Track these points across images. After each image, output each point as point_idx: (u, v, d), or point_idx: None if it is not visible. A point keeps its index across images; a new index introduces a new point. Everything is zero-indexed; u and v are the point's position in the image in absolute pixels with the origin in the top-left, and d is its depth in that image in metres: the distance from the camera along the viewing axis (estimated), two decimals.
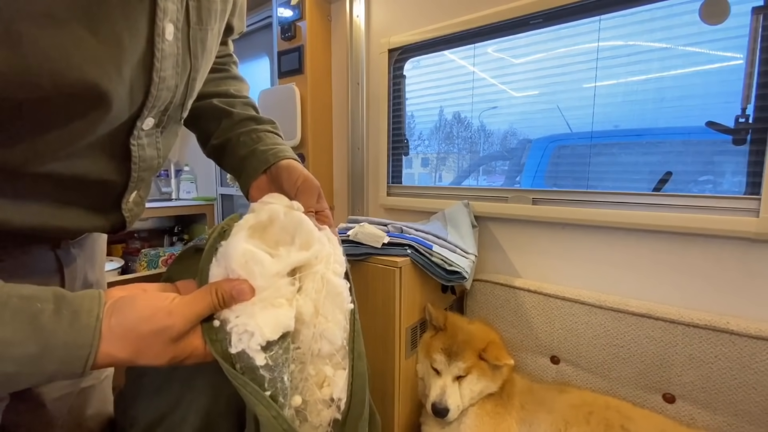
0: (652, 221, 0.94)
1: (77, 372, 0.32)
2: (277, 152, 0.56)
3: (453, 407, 0.89)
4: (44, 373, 0.31)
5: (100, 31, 0.31)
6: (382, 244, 0.96)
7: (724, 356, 0.82)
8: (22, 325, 0.30)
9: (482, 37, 1.22)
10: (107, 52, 0.32)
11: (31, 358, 0.30)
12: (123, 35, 0.33)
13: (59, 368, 0.31)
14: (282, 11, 1.52)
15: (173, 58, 0.39)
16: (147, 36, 0.35)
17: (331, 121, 1.62)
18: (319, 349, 0.41)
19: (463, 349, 0.93)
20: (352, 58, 1.50)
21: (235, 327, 0.36)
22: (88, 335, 0.32)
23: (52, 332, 0.30)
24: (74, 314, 0.32)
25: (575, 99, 1.10)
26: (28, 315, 0.30)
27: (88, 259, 0.58)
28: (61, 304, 0.32)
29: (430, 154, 1.50)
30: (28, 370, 0.30)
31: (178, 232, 2.08)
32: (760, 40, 0.83)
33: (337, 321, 0.41)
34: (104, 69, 0.32)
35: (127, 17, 0.33)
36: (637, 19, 0.98)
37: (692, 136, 0.95)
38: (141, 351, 0.34)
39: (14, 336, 0.29)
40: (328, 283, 0.41)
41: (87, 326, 0.32)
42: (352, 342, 0.44)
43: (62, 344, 0.31)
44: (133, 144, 0.41)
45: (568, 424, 0.85)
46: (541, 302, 1.05)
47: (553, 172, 1.21)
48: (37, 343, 0.30)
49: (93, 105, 0.34)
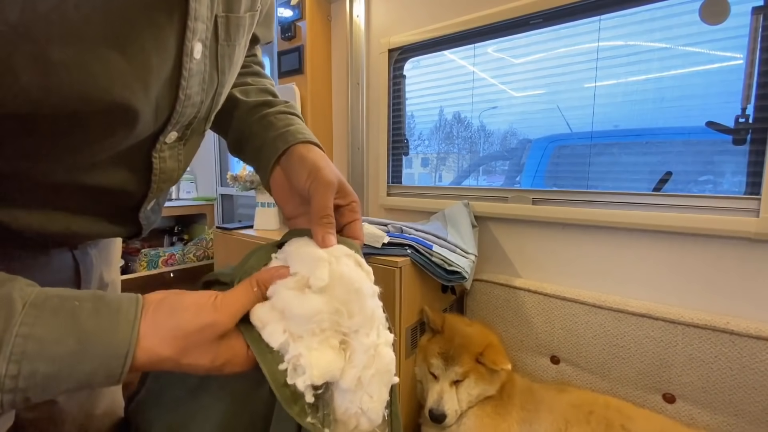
0: (652, 221, 0.94)
1: (116, 373, 0.31)
2: (287, 136, 0.49)
3: (450, 413, 0.89)
4: (82, 373, 0.30)
5: (128, 51, 0.31)
6: (382, 244, 0.96)
7: (724, 356, 0.82)
8: (60, 323, 0.29)
9: (482, 37, 1.22)
10: (135, 72, 0.32)
11: (69, 356, 0.29)
12: (151, 55, 0.32)
13: (97, 368, 0.30)
14: (282, 11, 1.52)
15: (200, 75, 0.38)
16: (175, 56, 0.35)
17: (331, 121, 1.62)
18: (356, 425, 0.36)
19: (460, 353, 0.93)
20: (352, 58, 1.50)
21: (292, 357, 0.33)
22: (127, 330, 0.31)
23: (90, 329, 0.30)
24: (113, 312, 0.31)
25: (575, 99, 1.10)
26: (66, 313, 0.30)
27: (104, 260, 0.58)
28: (99, 304, 0.31)
29: (430, 154, 1.50)
30: (67, 370, 0.29)
31: (178, 232, 2.08)
32: (760, 40, 0.83)
33: (382, 400, 0.37)
34: (132, 88, 0.32)
35: (156, 38, 0.32)
36: (637, 19, 0.98)
37: (692, 136, 0.95)
38: (185, 349, 0.33)
39: (52, 334, 0.29)
40: (380, 358, 0.36)
41: (126, 321, 0.31)
42: (391, 406, 0.40)
43: (100, 341, 0.30)
44: (155, 157, 0.41)
45: (568, 423, 0.85)
46: (541, 302, 1.05)
47: (553, 172, 1.21)
48: (76, 340, 0.29)
49: (119, 122, 0.34)
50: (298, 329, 0.35)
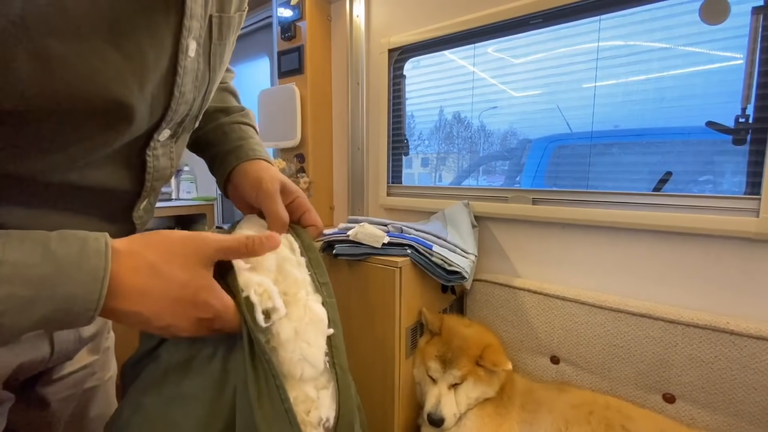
0: (652, 221, 0.94)
1: (94, 297, 0.31)
2: (238, 152, 0.55)
3: (449, 416, 0.89)
4: (60, 296, 0.30)
5: (125, 48, 0.31)
6: (382, 244, 0.96)
7: (724, 356, 0.82)
8: (32, 248, 0.30)
9: (482, 37, 1.22)
10: (132, 69, 0.32)
11: (46, 278, 0.29)
12: (148, 52, 0.33)
13: (74, 290, 0.30)
14: (282, 11, 1.52)
15: (194, 73, 0.39)
16: (171, 53, 0.35)
17: (331, 121, 1.62)
18: (301, 373, 0.41)
19: (458, 355, 0.92)
20: (352, 58, 1.50)
21: (257, 286, 0.40)
22: (100, 254, 0.32)
23: (62, 254, 0.31)
24: (81, 240, 0.32)
25: (575, 99, 1.10)
26: (36, 241, 0.30)
27: None
28: (65, 234, 0.32)
29: (430, 154, 1.50)
30: (45, 292, 0.29)
31: None
32: (760, 40, 0.83)
33: (319, 346, 0.43)
34: (128, 85, 0.32)
35: (152, 35, 0.33)
36: (637, 19, 0.98)
37: (692, 136, 0.95)
38: (165, 272, 0.35)
39: (26, 258, 0.29)
40: (311, 311, 0.43)
41: (97, 250, 0.32)
42: (333, 358, 0.45)
43: (74, 264, 0.31)
44: (149, 155, 0.41)
45: (568, 423, 0.85)
46: (541, 302, 1.05)
47: (553, 172, 1.21)
48: (50, 263, 0.30)
49: (115, 119, 0.34)
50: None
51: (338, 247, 0.98)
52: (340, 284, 1.02)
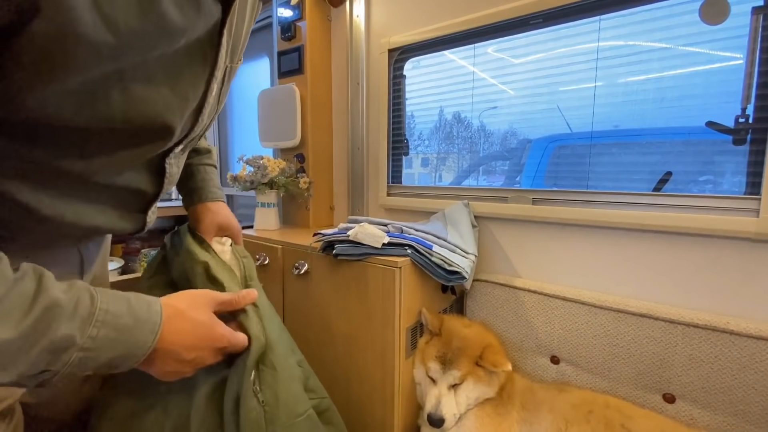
0: (652, 221, 0.94)
1: (149, 342, 0.45)
2: (201, 193, 0.78)
3: (449, 417, 0.88)
4: (131, 341, 0.43)
5: (177, 89, 0.45)
6: (382, 244, 0.96)
7: (724, 356, 0.82)
8: (121, 304, 0.43)
9: (482, 37, 1.22)
10: (178, 104, 0.46)
11: (127, 327, 0.43)
12: (189, 92, 0.47)
13: (139, 338, 0.44)
14: (282, 11, 1.52)
15: (211, 106, 0.53)
16: (202, 93, 0.49)
17: (331, 121, 1.62)
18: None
19: (458, 356, 0.92)
20: (352, 58, 1.50)
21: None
22: (158, 314, 0.47)
23: (138, 310, 0.44)
24: (147, 303, 0.47)
25: (575, 99, 1.10)
26: (122, 298, 0.44)
27: (101, 256, 0.68)
28: (138, 295, 0.46)
29: (430, 154, 1.50)
30: (122, 337, 0.42)
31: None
32: (760, 40, 0.83)
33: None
34: (174, 114, 0.46)
35: (193, 80, 0.47)
36: (637, 19, 0.98)
37: (692, 136, 0.95)
38: (190, 316, 0.51)
39: (119, 310, 0.43)
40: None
41: (156, 311, 0.47)
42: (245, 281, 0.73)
43: (145, 320, 0.45)
44: (168, 163, 0.54)
45: (568, 423, 0.85)
46: (541, 302, 1.05)
47: (553, 172, 1.21)
48: (131, 317, 0.43)
49: (161, 137, 0.47)
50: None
51: (338, 247, 0.98)
52: (340, 284, 1.02)
